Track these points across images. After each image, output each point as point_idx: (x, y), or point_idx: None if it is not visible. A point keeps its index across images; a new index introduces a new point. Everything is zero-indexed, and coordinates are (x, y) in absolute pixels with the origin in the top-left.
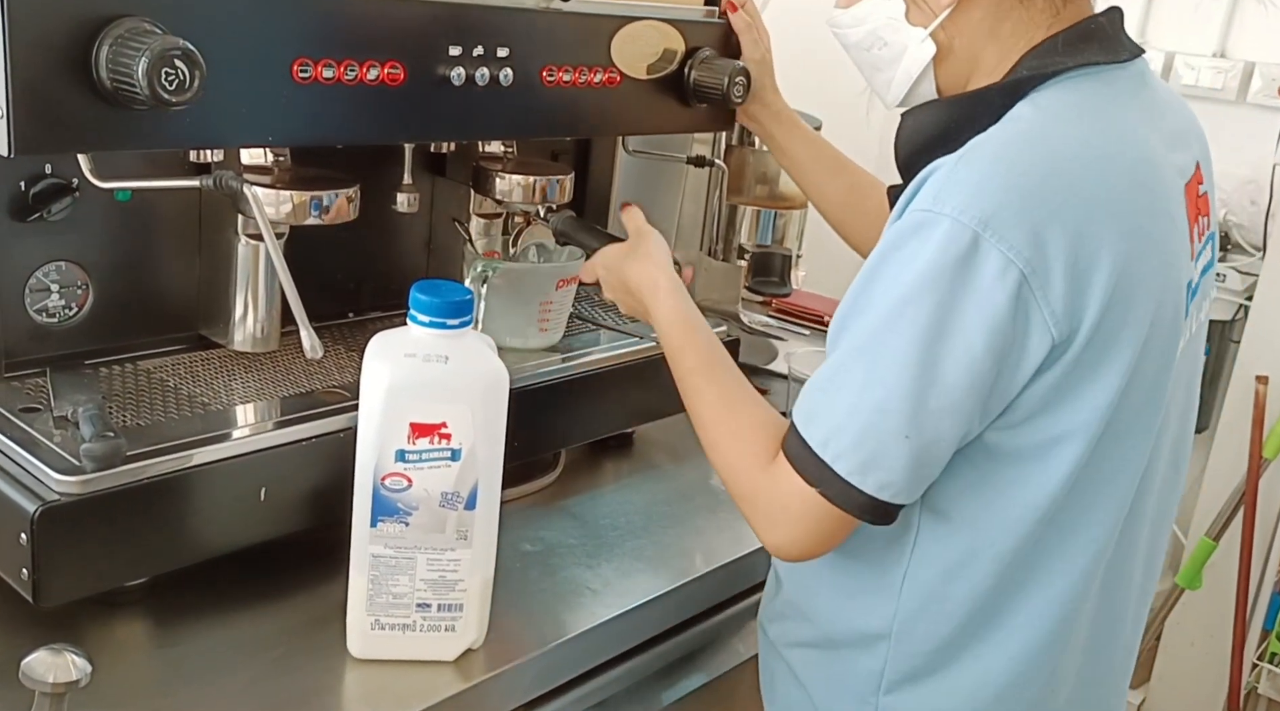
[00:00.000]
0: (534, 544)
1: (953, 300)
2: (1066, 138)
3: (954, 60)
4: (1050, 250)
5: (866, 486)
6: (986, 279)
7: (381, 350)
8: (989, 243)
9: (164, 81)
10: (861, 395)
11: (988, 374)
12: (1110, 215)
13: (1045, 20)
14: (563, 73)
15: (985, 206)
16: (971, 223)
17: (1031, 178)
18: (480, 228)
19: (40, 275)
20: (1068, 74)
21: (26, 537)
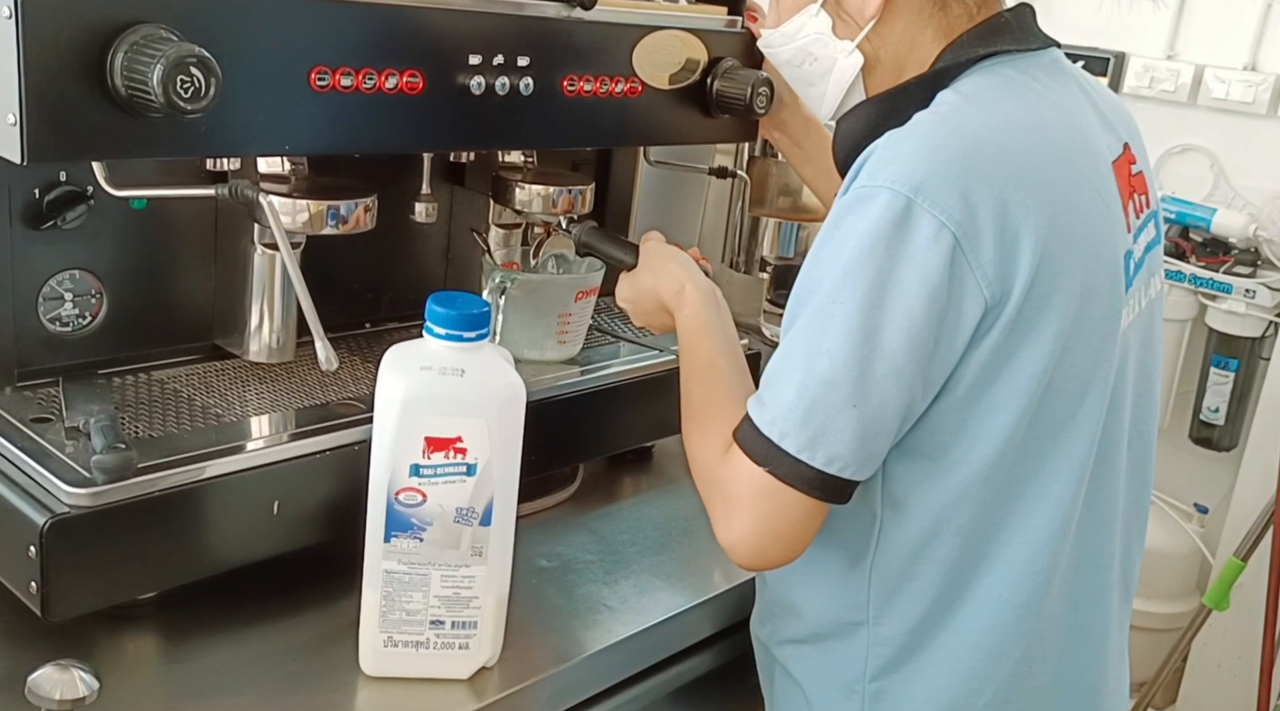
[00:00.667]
0: (550, 560)
1: (891, 265)
2: (989, 114)
3: (881, 69)
4: (980, 214)
5: (816, 461)
6: (921, 242)
7: (397, 363)
8: (921, 207)
9: (179, 89)
10: (808, 370)
11: (928, 338)
12: (1035, 182)
13: (962, 24)
14: (584, 82)
15: (917, 174)
16: (905, 190)
17: (959, 148)
18: (499, 238)
19: (54, 284)
20: (984, 62)
21: (35, 550)
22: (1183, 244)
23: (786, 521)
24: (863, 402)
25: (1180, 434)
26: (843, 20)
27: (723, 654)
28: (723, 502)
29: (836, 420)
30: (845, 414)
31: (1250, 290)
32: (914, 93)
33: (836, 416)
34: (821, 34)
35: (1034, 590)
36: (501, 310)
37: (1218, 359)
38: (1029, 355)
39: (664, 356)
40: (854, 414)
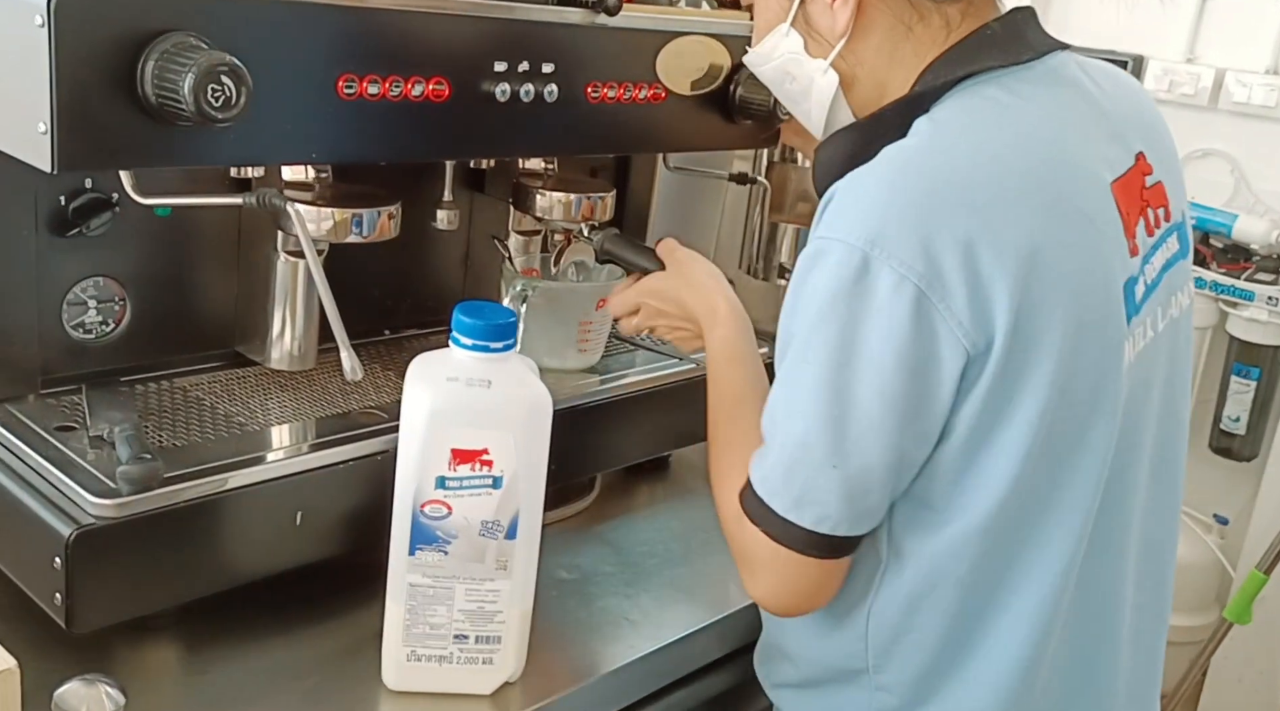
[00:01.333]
0: (570, 572)
1: (854, 323)
2: (957, 148)
3: (860, 87)
4: (945, 261)
5: (804, 521)
6: (881, 297)
7: (423, 374)
8: (879, 261)
9: (210, 98)
10: (786, 431)
11: (905, 392)
12: (1008, 219)
13: (942, 36)
14: (607, 89)
15: (871, 225)
16: (860, 243)
17: (919, 190)
18: (519, 245)
19: (78, 290)
20: (965, 83)
21: (60, 561)
22: (1203, 250)
23: (800, 579)
24: (843, 462)
25: (1200, 443)
26: (814, 39)
27: (743, 669)
28: (740, 558)
29: (819, 480)
30: (826, 474)
31: (1273, 297)
32: (891, 119)
33: (817, 476)
34: (795, 53)
35: (1037, 641)
36: (522, 318)
37: (1239, 367)
38: (1023, 401)
39: (683, 365)
40: (835, 474)
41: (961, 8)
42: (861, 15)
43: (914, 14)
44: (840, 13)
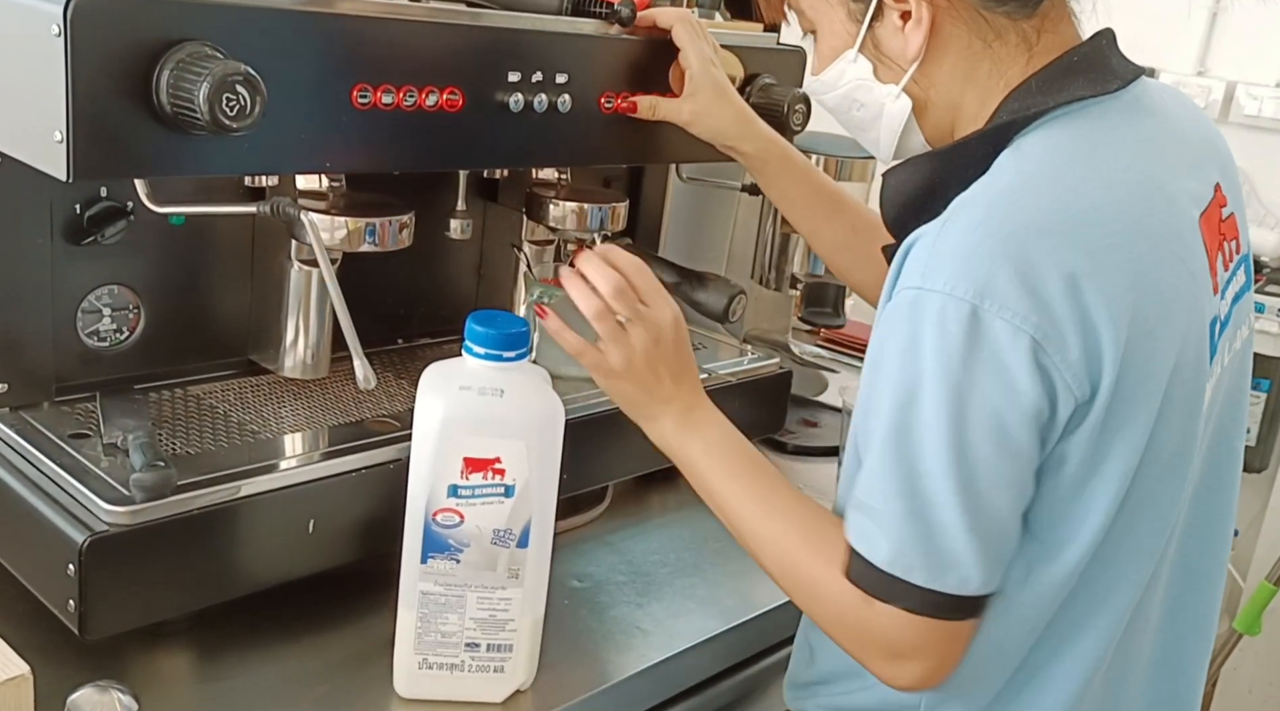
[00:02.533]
0: (582, 580)
1: (970, 378)
2: (1052, 187)
3: (934, 111)
4: (1056, 309)
5: (948, 587)
6: (999, 350)
7: (435, 383)
8: (990, 313)
9: (225, 107)
10: (912, 497)
11: (1028, 444)
12: (1112, 264)
13: (1021, 57)
14: (621, 99)
15: (977, 275)
16: (967, 296)
17: (1020, 236)
18: (533, 255)
19: (92, 298)
20: (1051, 114)
21: (74, 568)
22: None
23: (951, 644)
24: (976, 521)
25: None
26: (884, 64)
27: (755, 679)
28: (873, 647)
29: (957, 545)
30: (964, 538)
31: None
32: (973, 150)
33: (955, 542)
34: (863, 80)
35: (1092, 676)
36: (538, 326)
37: None
38: (1118, 450)
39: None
40: (973, 537)
41: (1037, 23)
42: (935, 37)
43: (990, 32)
44: (913, 36)
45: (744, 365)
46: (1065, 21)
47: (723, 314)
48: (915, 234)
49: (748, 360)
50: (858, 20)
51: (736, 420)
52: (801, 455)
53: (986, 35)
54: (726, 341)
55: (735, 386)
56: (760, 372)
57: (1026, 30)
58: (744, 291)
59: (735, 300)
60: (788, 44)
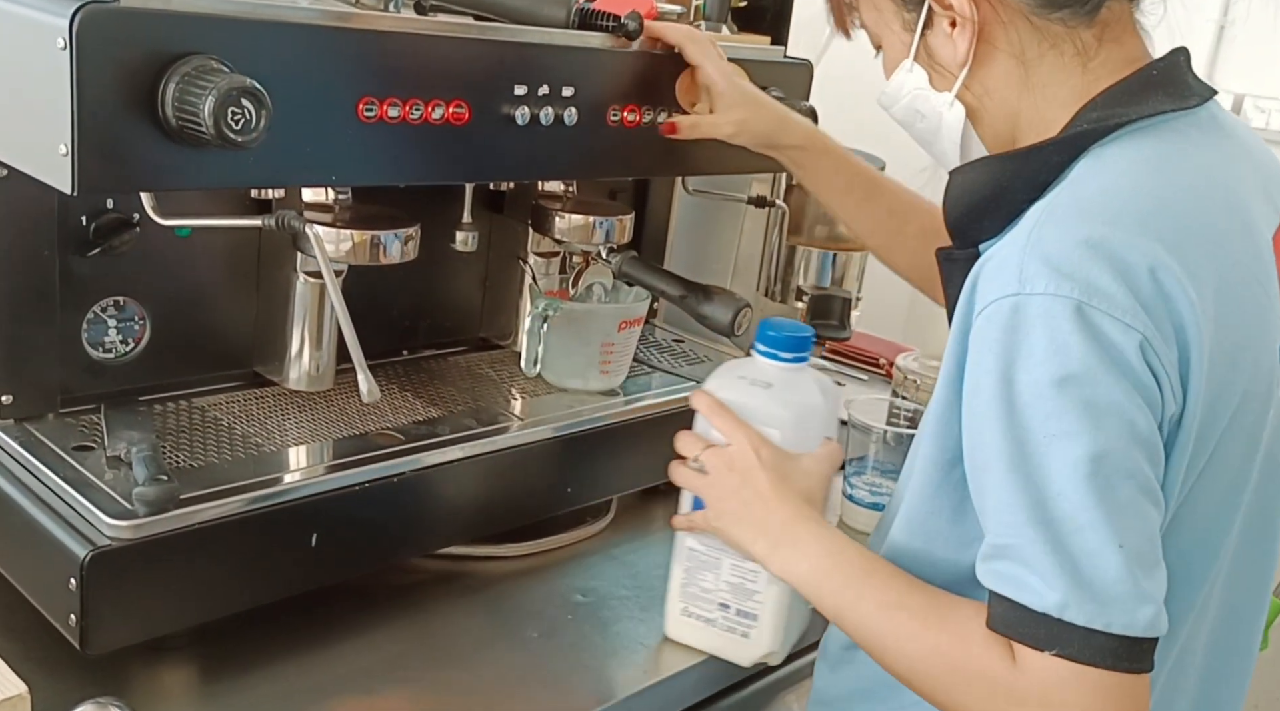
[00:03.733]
0: (586, 595)
1: (1089, 377)
2: (1145, 197)
3: (991, 119)
4: (1155, 312)
5: (1114, 626)
6: (1114, 346)
7: (724, 369)
8: (1098, 312)
9: (230, 121)
10: (1048, 524)
11: (1158, 444)
12: (1200, 279)
13: (1078, 67)
14: (628, 112)
15: (1078, 276)
16: (1071, 295)
17: (1116, 241)
18: (539, 267)
19: (98, 310)
20: (1134, 126)
21: (76, 583)
22: None
23: (1130, 700)
24: (1126, 537)
25: None
26: (937, 72)
27: (762, 695)
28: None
29: (1108, 569)
30: (1113, 558)
31: None
32: (1047, 156)
33: (1107, 565)
34: (921, 89)
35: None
36: (543, 339)
37: None
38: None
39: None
40: (1122, 554)
41: (1097, 33)
42: (983, 43)
43: (1044, 40)
44: (959, 41)
45: None
46: (1129, 35)
47: (729, 327)
48: (987, 255)
49: None
50: (911, 30)
51: None
52: None
53: (1040, 43)
54: (732, 354)
55: None
56: None
57: (1085, 40)
58: (750, 305)
59: (741, 313)
60: (795, 57)
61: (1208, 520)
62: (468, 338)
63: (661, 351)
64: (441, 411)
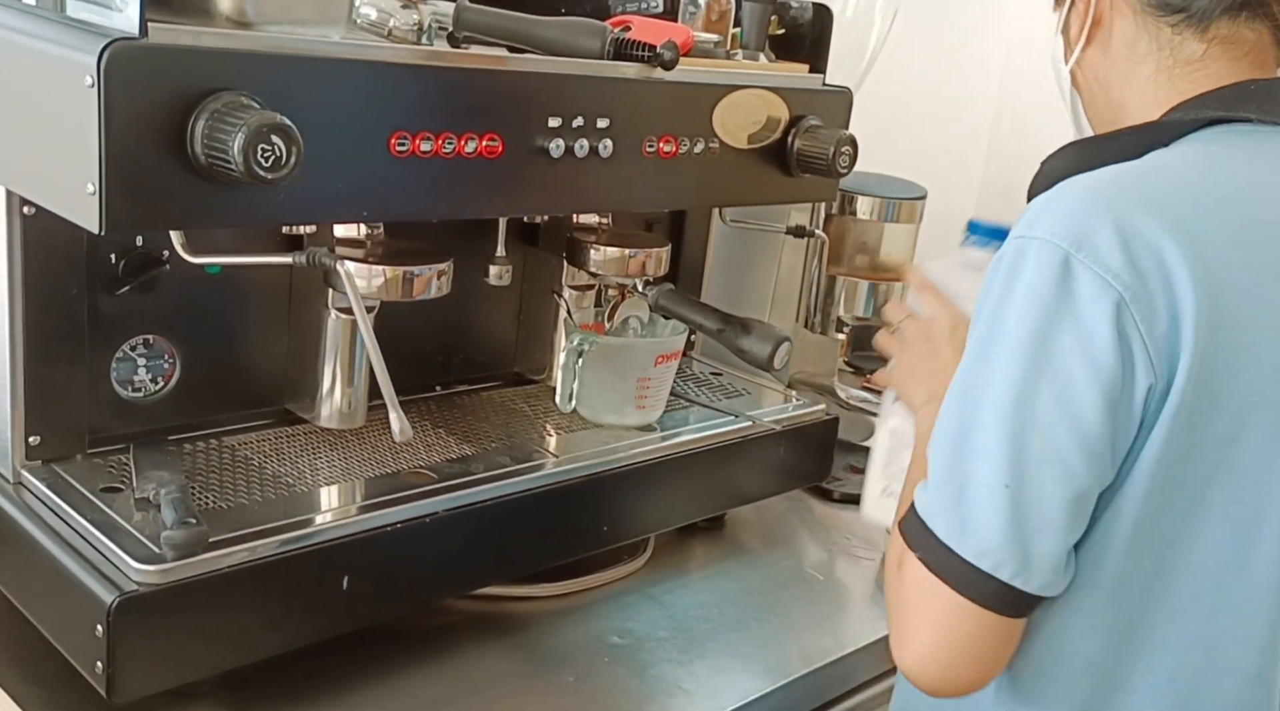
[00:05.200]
0: (622, 636)
1: (1047, 327)
2: (1184, 180)
3: (1096, 104)
4: (1147, 279)
5: (965, 552)
6: (1081, 302)
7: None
8: (1081, 264)
9: (260, 158)
10: (961, 443)
11: (1094, 416)
12: (1213, 260)
13: (1185, 73)
14: (664, 143)
15: (1077, 227)
16: (1063, 242)
17: (1131, 206)
18: (573, 300)
19: (127, 348)
20: (1215, 127)
21: (103, 629)
22: None
23: (956, 630)
24: (1016, 483)
25: None
26: (1066, 47)
27: None
28: (895, 611)
29: (988, 501)
30: (996, 493)
31: None
32: (1126, 141)
33: (988, 496)
34: (1057, 59)
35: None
36: (578, 374)
37: None
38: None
39: (739, 423)
40: (1006, 495)
41: (1205, 45)
42: (1100, 28)
43: (1154, 41)
44: (1076, 21)
45: (789, 412)
46: (1240, 54)
47: (768, 361)
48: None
49: (793, 407)
50: (1061, 3)
51: (782, 468)
52: (849, 503)
53: (1148, 43)
54: (771, 387)
55: (781, 434)
56: (806, 419)
57: (1192, 49)
58: (790, 338)
59: (781, 347)
60: (834, 85)
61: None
62: (501, 372)
63: (699, 384)
64: (475, 449)
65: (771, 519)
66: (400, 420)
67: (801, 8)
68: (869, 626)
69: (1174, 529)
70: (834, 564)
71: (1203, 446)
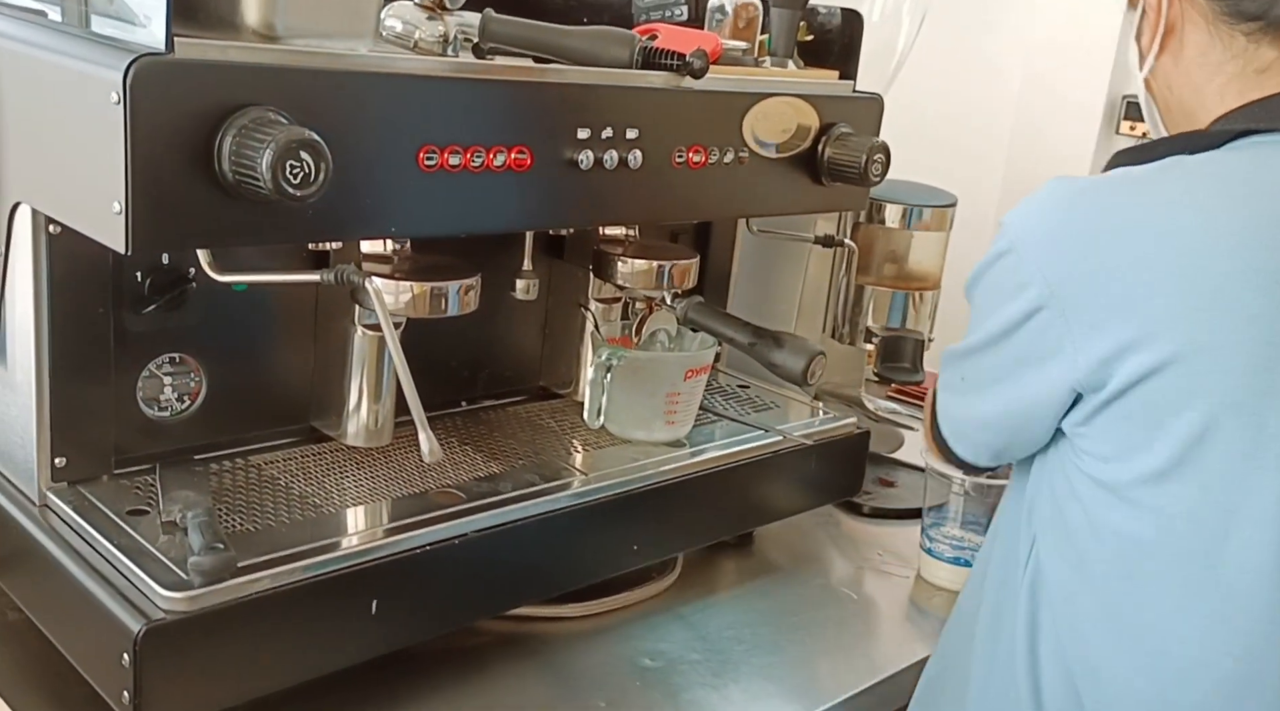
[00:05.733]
0: (654, 659)
1: (985, 294)
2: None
3: (1170, 110)
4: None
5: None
6: (1006, 286)
7: None
8: (1015, 253)
9: (288, 174)
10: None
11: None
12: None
13: (1256, 81)
14: (693, 153)
15: (1029, 225)
16: (1010, 233)
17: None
18: (600, 312)
19: (153, 367)
20: (1253, 137)
21: (129, 658)
22: None
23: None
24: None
25: None
26: (1140, 53)
27: None
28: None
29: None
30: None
31: None
32: (1181, 142)
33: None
34: (1132, 64)
35: None
36: (606, 389)
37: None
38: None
39: (769, 438)
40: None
41: (1276, 39)
42: (1172, 37)
43: (1226, 51)
44: (1147, 30)
45: (819, 425)
46: None
47: (801, 376)
48: None
49: (820, 420)
50: (1133, 8)
51: (814, 483)
52: (880, 518)
53: (1223, 51)
54: (797, 399)
55: (812, 449)
56: (837, 433)
57: (1269, 57)
58: (823, 352)
59: (814, 361)
60: (865, 91)
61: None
62: (527, 387)
63: (726, 398)
64: (503, 467)
65: (800, 534)
66: (430, 441)
67: (830, 13)
68: (905, 648)
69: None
70: (866, 581)
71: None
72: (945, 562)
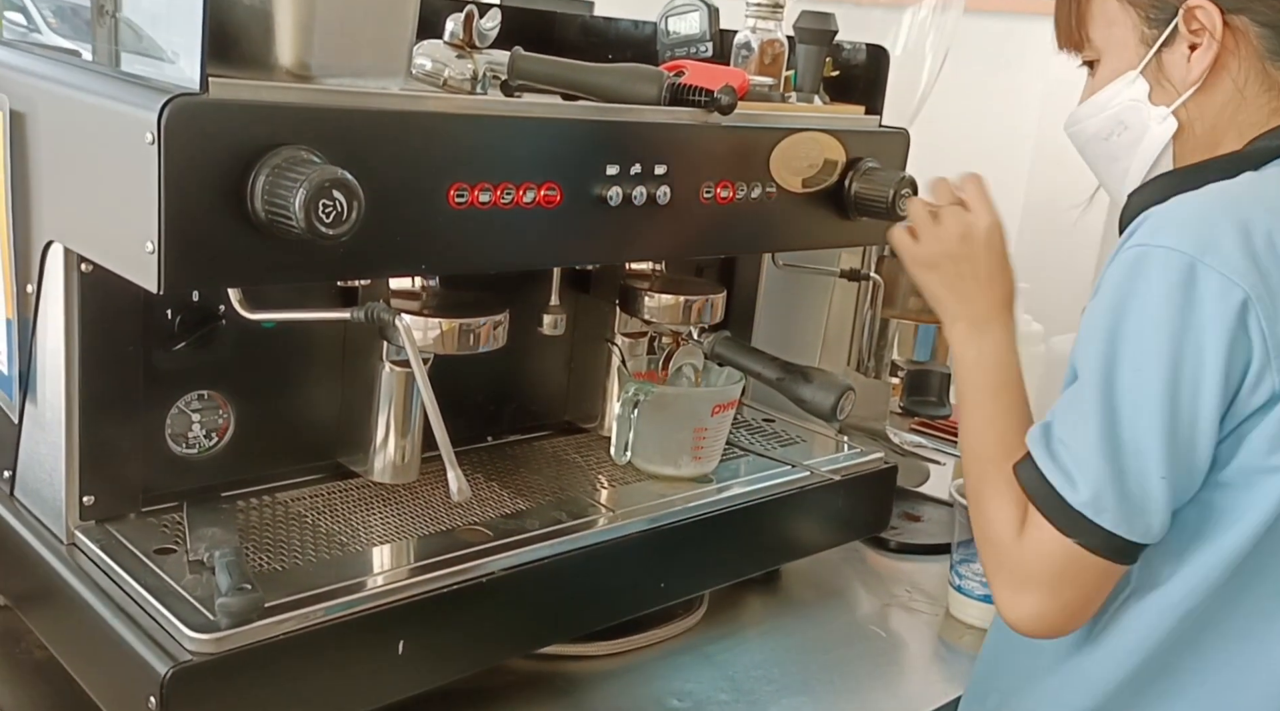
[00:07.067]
0: (681, 699)
1: (1182, 330)
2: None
3: (1194, 140)
4: (1273, 278)
5: (1133, 535)
6: (1209, 301)
7: None
8: (1208, 267)
9: (321, 213)
10: (1114, 441)
11: (1221, 401)
12: None
13: None
14: (721, 188)
15: (1202, 234)
16: (1189, 249)
17: (1250, 210)
18: (626, 347)
19: (181, 405)
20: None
21: (156, 701)
22: None
23: (1085, 588)
24: (1171, 473)
25: None
26: (1162, 86)
27: None
28: (1011, 579)
29: (1152, 492)
30: (1157, 485)
31: None
32: (1216, 168)
33: (1150, 488)
34: (1137, 101)
35: None
36: (633, 424)
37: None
38: None
39: (797, 473)
40: (1164, 485)
41: None
42: (1215, 71)
43: (1264, 81)
44: (1197, 63)
45: (845, 460)
46: None
47: (831, 412)
48: (1148, 212)
49: (846, 454)
50: (1148, 44)
51: (841, 519)
52: (907, 553)
53: (1261, 83)
54: (823, 433)
55: (839, 484)
56: (863, 468)
57: None
58: (852, 387)
59: (844, 397)
60: (891, 126)
61: None
62: (553, 421)
63: (752, 432)
64: (529, 503)
65: (826, 570)
66: (459, 480)
67: (855, 49)
68: (936, 688)
69: None
70: (893, 618)
71: None
72: (975, 600)
